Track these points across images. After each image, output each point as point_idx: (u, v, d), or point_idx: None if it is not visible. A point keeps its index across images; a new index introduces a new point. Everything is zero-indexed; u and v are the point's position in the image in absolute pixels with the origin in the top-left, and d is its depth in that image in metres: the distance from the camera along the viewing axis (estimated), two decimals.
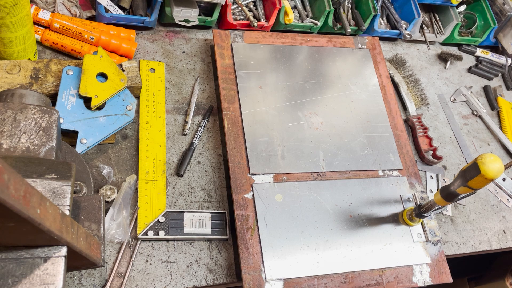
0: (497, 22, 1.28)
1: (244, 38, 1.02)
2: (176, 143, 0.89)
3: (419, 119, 1.08)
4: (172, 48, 1.02)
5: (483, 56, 1.30)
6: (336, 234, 0.83)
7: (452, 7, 1.25)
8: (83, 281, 0.70)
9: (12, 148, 0.57)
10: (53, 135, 0.60)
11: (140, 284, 0.73)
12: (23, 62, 0.79)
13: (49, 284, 0.45)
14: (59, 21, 0.89)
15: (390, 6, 1.23)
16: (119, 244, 0.75)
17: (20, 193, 0.32)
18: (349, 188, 0.89)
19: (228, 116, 0.90)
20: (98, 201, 0.61)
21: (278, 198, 0.83)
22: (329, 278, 0.78)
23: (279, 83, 0.98)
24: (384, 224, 0.86)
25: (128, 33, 0.96)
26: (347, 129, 0.97)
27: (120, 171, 0.82)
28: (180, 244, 0.78)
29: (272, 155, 0.88)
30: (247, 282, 0.74)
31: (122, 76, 0.81)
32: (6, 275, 0.44)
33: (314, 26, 1.12)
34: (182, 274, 0.76)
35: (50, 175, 0.52)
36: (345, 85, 1.03)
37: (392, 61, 1.18)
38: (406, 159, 0.96)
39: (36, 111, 0.61)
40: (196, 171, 0.87)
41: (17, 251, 0.45)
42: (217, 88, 0.98)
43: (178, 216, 0.79)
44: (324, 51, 1.07)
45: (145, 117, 0.88)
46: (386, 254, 0.83)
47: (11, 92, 0.66)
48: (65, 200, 0.51)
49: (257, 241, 0.78)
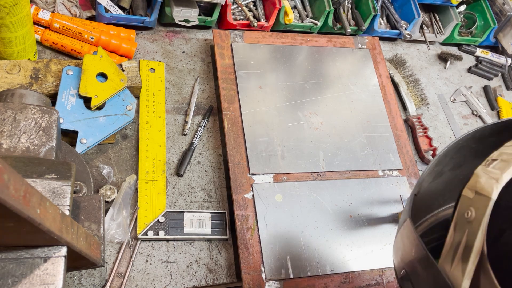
0: (497, 22, 1.28)
1: (244, 38, 1.02)
2: (176, 143, 0.89)
3: (419, 119, 1.08)
4: (172, 48, 1.02)
5: (483, 56, 1.30)
6: (336, 234, 0.83)
7: (452, 7, 1.25)
8: (83, 281, 0.70)
9: (12, 148, 0.57)
10: (53, 135, 0.60)
11: (140, 284, 0.73)
12: (23, 62, 0.79)
13: (49, 284, 0.45)
14: (59, 21, 0.89)
15: (390, 6, 1.23)
16: (119, 244, 0.75)
17: (20, 193, 0.32)
18: (349, 188, 0.89)
19: (228, 116, 0.90)
20: (98, 201, 0.61)
21: (278, 198, 0.83)
22: (329, 278, 0.78)
23: (279, 83, 0.98)
24: (384, 224, 0.86)
25: (128, 33, 0.96)
26: (347, 129, 0.97)
27: (120, 171, 0.82)
28: (180, 244, 0.78)
29: (272, 155, 0.88)
30: (247, 282, 0.74)
31: (122, 76, 0.81)
32: (6, 275, 0.44)
33: (314, 26, 1.12)
34: (182, 274, 0.76)
35: (50, 175, 0.52)
36: (345, 85, 1.03)
37: (392, 61, 1.18)
38: (406, 159, 0.96)
39: (36, 111, 0.61)
40: (196, 171, 0.87)
41: (17, 251, 0.45)
42: (217, 88, 0.98)
43: (178, 216, 0.79)
44: (324, 51, 1.07)
45: (145, 117, 0.88)
46: (386, 254, 0.83)
47: (11, 92, 0.66)
48: (65, 200, 0.51)
49: (257, 241, 0.78)
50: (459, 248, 0.40)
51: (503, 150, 0.44)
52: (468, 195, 0.42)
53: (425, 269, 0.44)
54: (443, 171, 0.56)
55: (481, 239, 0.39)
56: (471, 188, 0.42)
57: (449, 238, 0.42)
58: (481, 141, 0.50)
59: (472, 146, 0.53)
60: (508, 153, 0.43)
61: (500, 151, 0.44)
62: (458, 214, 0.42)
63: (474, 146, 0.53)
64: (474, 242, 0.39)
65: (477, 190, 0.41)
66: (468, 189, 0.43)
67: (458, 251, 0.40)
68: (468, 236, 0.40)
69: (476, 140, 0.53)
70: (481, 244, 0.38)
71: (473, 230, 0.40)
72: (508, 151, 0.43)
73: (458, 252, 0.40)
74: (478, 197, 0.41)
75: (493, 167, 0.42)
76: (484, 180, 0.41)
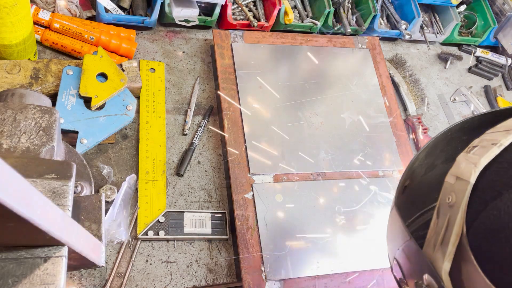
0: (497, 22, 1.28)
1: (244, 38, 1.02)
2: (176, 143, 0.89)
3: (419, 119, 1.08)
4: (172, 48, 1.02)
5: (483, 56, 1.30)
6: (336, 234, 0.83)
7: (452, 7, 1.25)
8: (83, 281, 0.70)
9: (12, 148, 0.57)
10: (53, 135, 0.60)
11: (140, 284, 0.73)
12: (23, 62, 0.79)
13: (49, 284, 0.45)
14: (59, 21, 0.89)
15: (390, 6, 1.23)
16: (119, 244, 0.75)
17: (20, 193, 0.32)
18: (349, 188, 0.89)
19: (228, 116, 0.90)
20: (98, 201, 0.61)
21: (278, 198, 0.83)
22: (329, 278, 0.78)
23: (279, 83, 0.98)
24: (384, 224, 0.86)
25: (128, 33, 0.96)
26: (347, 129, 0.96)
27: (120, 171, 0.82)
28: (180, 244, 0.78)
29: (272, 155, 0.88)
30: (247, 282, 0.74)
31: (122, 76, 0.81)
32: (6, 275, 0.44)
33: (314, 26, 1.12)
34: (182, 274, 0.76)
35: (50, 175, 0.52)
36: (345, 85, 1.03)
37: (392, 61, 1.18)
38: (406, 159, 0.96)
39: (36, 111, 0.61)
40: (196, 171, 0.87)
41: (17, 251, 0.45)
42: (217, 88, 0.98)
43: (178, 216, 0.79)
44: (324, 51, 1.07)
45: (145, 117, 0.88)
46: (386, 254, 0.83)
47: (11, 92, 0.66)
48: (65, 200, 0.51)
49: (257, 241, 0.78)
50: (440, 232, 0.41)
51: (483, 137, 0.45)
52: (450, 181, 0.43)
53: (412, 256, 0.45)
54: (435, 164, 0.57)
55: (460, 222, 0.39)
56: (453, 174, 0.43)
57: (433, 224, 0.43)
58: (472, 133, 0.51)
59: (462, 138, 0.54)
60: (487, 139, 0.44)
61: (481, 138, 0.45)
62: (441, 200, 0.43)
63: (465, 138, 0.53)
64: (454, 224, 0.40)
65: (457, 176, 0.42)
66: (450, 175, 0.44)
67: (440, 235, 0.41)
68: (449, 220, 0.41)
69: (466, 131, 0.53)
70: (460, 226, 0.39)
71: (453, 213, 0.40)
72: (488, 138, 0.44)
73: (440, 236, 0.41)
74: (458, 182, 0.42)
75: (473, 153, 0.43)
76: (464, 165, 0.42)
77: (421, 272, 0.43)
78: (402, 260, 0.49)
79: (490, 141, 0.43)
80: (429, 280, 0.42)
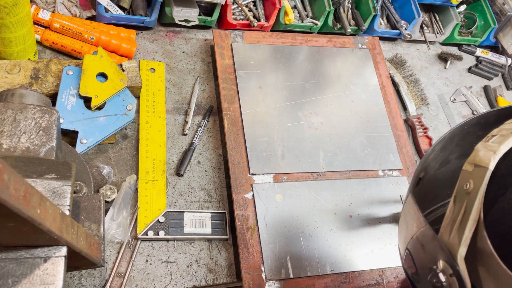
0: (497, 22, 1.28)
1: (244, 38, 1.02)
2: (176, 143, 0.89)
3: (419, 119, 1.08)
4: (172, 48, 1.02)
5: (483, 56, 1.30)
6: (336, 234, 0.83)
7: (452, 7, 1.25)
8: (83, 281, 0.70)
9: (12, 148, 0.57)
10: (53, 135, 0.60)
11: (140, 284, 0.73)
12: (23, 62, 0.79)
13: (49, 284, 0.45)
14: (59, 21, 0.89)
15: (390, 6, 1.23)
16: (119, 244, 0.75)
17: (20, 193, 0.32)
18: (349, 188, 0.89)
19: (228, 116, 0.90)
20: (98, 201, 0.61)
21: (278, 198, 0.83)
22: (329, 278, 0.78)
23: (279, 83, 0.98)
24: (384, 224, 0.86)
25: (128, 33, 0.96)
26: (347, 129, 0.97)
27: (120, 171, 0.82)
28: (180, 244, 0.78)
29: (272, 155, 0.88)
30: (247, 282, 0.74)
31: (122, 76, 0.81)
32: (6, 275, 0.44)
33: (314, 26, 1.12)
34: (182, 274, 0.76)
35: (50, 175, 0.52)
36: (345, 85, 1.03)
37: (392, 61, 1.18)
38: (406, 159, 0.96)
39: (36, 111, 0.61)
40: (196, 171, 0.87)
41: (17, 251, 0.45)
42: (217, 88, 0.98)
43: (178, 216, 0.79)
44: (324, 51, 1.07)
45: (145, 117, 0.88)
46: (386, 254, 0.83)
47: (11, 92, 0.66)
48: (65, 200, 0.51)
49: (257, 241, 0.78)
50: (457, 219, 0.41)
51: (503, 127, 0.46)
52: (468, 169, 0.43)
53: (426, 243, 0.45)
54: (449, 158, 0.57)
55: (478, 207, 0.40)
56: (471, 162, 0.44)
57: (449, 211, 0.44)
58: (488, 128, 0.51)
59: (478, 133, 0.54)
60: (507, 128, 0.44)
61: (500, 128, 0.46)
62: (458, 188, 0.44)
63: (481, 133, 0.53)
64: (471, 210, 0.40)
65: (476, 163, 0.43)
66: (468, 163, 0.44)
67: (457, 221, 0.41)
68: (467, 206, 0.41)
69: (482, 126, 0.54)
70: (478, 211, 0.40)
71: (471, 200, 0.41)
72: (507, 127, 0.45)
73: (456, 222, 0.41)
74: (476, 169, 0.42)
75: (492, 141, 0.43)
76: (483, 153, 0.42)
77: (435, 259, 0.43)
78: (415, 249, 0.49)
79: (510, 130, 0.43)
80: (444, 265, 0.42)
